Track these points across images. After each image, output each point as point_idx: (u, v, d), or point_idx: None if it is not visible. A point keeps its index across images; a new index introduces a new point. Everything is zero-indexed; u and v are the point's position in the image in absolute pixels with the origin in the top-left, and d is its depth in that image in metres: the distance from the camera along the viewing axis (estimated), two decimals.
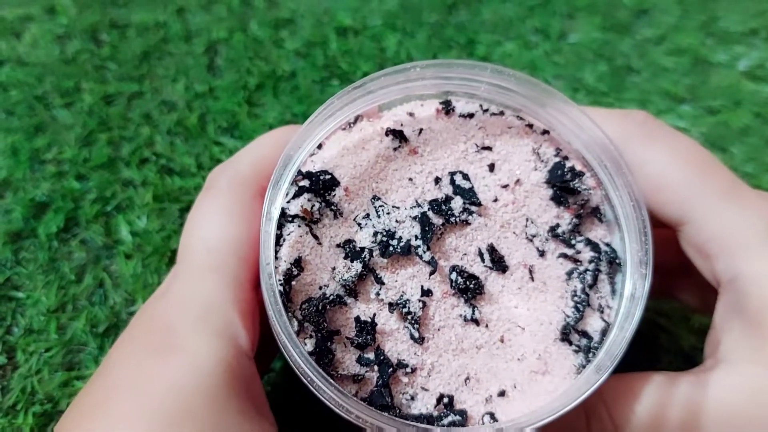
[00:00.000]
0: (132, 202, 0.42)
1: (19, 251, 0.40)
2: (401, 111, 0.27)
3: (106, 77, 0.49)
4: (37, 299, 0.38)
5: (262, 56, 0.52)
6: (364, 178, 0.25)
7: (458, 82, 0.26)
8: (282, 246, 0.24)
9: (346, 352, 0.24)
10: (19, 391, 0.34)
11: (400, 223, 0.25)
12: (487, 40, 0.54)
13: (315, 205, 0.24)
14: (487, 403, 0.25)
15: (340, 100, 0.25)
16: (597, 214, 0.27)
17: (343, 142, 0.26)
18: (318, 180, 0.24)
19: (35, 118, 0.46)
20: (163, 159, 0.45)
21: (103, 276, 0.39)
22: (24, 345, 0.36)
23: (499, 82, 0.26)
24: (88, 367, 0.36)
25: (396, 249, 0.25)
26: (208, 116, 0.47)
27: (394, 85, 0.25)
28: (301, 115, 0.48)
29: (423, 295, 0.25)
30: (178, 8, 0.54)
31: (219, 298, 0.24)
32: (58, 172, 0.43)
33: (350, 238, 0.25)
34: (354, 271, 0.24)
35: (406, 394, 0.24)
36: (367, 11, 0.56)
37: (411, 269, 0.25)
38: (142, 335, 0.24)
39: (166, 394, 0.21)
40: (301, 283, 0.24)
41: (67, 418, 0.22)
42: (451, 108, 0.27)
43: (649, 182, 0.26)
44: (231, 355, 0.23)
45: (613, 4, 0.58)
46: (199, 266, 0.24)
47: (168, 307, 0.24)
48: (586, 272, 0.26)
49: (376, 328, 0.24)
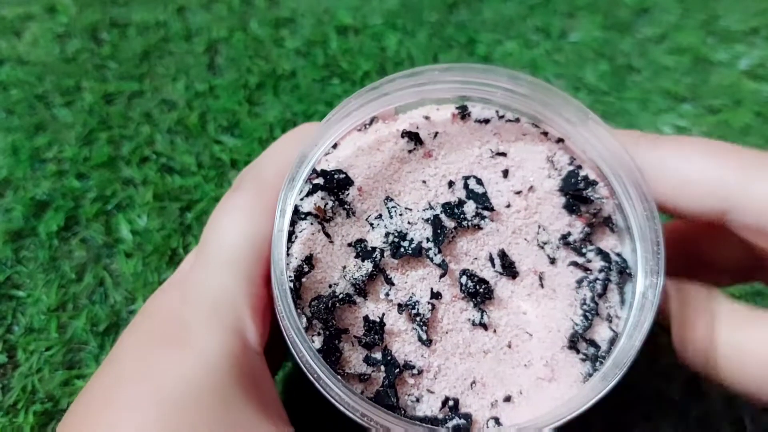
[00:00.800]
0: (132, 200, 0.42)
1: (20, 250, 0.40)
2: (417, 114, 0.27)
3: (106, 76, 0.49)
4: (38, 298, 0.38)
5: (263, 55, 0.52)
6: (378, 179, 0.26)
7: (475, 87, 0.26)
8: (294, 243, 0.24)
9: (353, 351, 0.24)
10: (20, 390, 0.34)
11: (412, 224, 0.25)
12: (487, 39, 0.54)
13: (328, 204, 0.24)
14: (492, 408, 0.25)
15: (356, 100, 0.25)
16: (609, 224, 0.27)
17: (358, 142, 0.26)
18: (332, 178, 0.25)
19: (35, 117, 0.46)
20: (163, 158, 0.45)
21: (104, 275, 0.39)
22: (24, 344, 0.36)
23: (515, 88, 0.25)
24: (89, 365, 0.36)
25: (407, 250, 0.25)
26: (208, 115, 0.47)
27: (410, 88, 0.25)
28: (301, 114, 0.48)
29: (432, 297, 0.25)
30: (179, 7, 0.54)
31: (231, 292, 0.24)
32: (59, 171, 0.43)
33: (362, 238, 0.25)
34: (364, 270, 0.24)
35: (412, 395, 0.24)
36: (368, 10, 0.56)
37: (421, 271, 0.25)
38: (153, 325, 0.24)
39: (175, 385, 0.21)
40: (311, 281, 0.24)
41: (76, 407, 0.23)
42: (467, 113, 0.27)
43: (672, 182, 0.25)
44: (239, 350, 0.23)
45: (614, 3, 0.58)
46: (215, 260, 0.25)
47: (181, 298, 0.24)
48: (596, 281, 0.26)
49: (385, 328, 0.24)
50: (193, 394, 0.21)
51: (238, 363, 0.22)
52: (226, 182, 0.44)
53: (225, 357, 0.22)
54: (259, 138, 0.46)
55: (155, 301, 0.25)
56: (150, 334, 0.23)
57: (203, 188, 0.43)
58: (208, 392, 0.21)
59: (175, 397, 0.21)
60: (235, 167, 0.45)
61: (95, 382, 0.23)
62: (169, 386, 0.21)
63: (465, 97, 0.27)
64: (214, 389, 0.21)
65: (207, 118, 0.47)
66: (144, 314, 0.25)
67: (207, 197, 0.43)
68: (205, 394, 0.21)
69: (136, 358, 0.23)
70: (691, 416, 0.36)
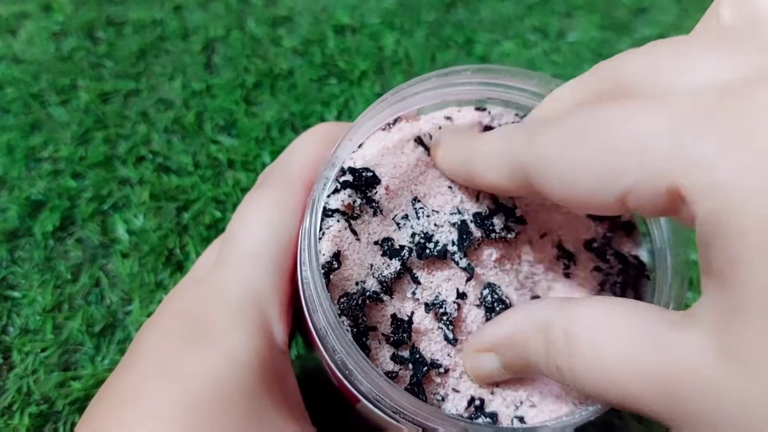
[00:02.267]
0: (129, 200, 0.42)
1: (15, 250, 0.39)
2: (439, 115, 0.27)
3: (102, 75, 0.49)
4: (33, 299, 0.37)
5: (260, 54, 0.52)
6: (404, 180, 0.26)
7: (500, 89, 0.26)
8: (321, 240, 0.24)
9: (380, 348, 0.24)
10: (15, 392, 0.34)
11: (439, 227, 0.25)
12: (485, 38, 0.54)
13: (356, 201, 0.24)
14: (517, 409, 0.25)
15: (385, 102, 0.25)
16: (627, 228, 0.27)
17: (383, 141, 0.26)
18: (360, 176, 0.25)
19: (31, 115, 0.45)
20: (160, 157, 0.45)
21: (100, 275, 0.39)
22: (20, 345, 0.36)
23: (545, 92, 0.25)
24: (84, 367, 0.35)
25: (432, 252, 0.25)
26: (205, 114, 0.47)
27: (435, 89, 0.25)
28: (298, 114, 0.48)
29: (458, 297, 0.25)
30: (175, 6, 0.54)
31: (258, 286, 0.24)
32: (54, 171, 0.43)
33: (388, 236, 0.25)
34: (393, 268, 0.24)
35: (438, 394, 0.24)
36: (365, 9, 0.56)
37: (447, 272, 0.25)
38: (175, 323, 0.23)
39: (201, 385, 0.21)
40: (339, 278, 0.24)
41: (96, 407, 0.22)
42: (490, 126, 0.27)
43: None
44: (265, 348, 0.22)
45: (611, 3, 0.58)
46: (243, 253, 0.25)
47: (206, 293, 0.24)
48: (615, 284, 0.26)
49: (412, 326, 0.24)
50: (220, 394, 0.21)
51: (264, 362, 0.22)
52: (223, 182, 0.44)
53: (252, 355, 0.22)
54: (256, 138, 0.46)
55: (176, 299, 0.25)
56: (173, 332, 0.23)
57: (200, 188, 0.43)
58: (235, 392, 0.21)
59: (202, 397, 0.20)
60: (232, 167, 0.45)
61: (116, 382, 0.22)
62: (196, 386, 0.21)
63: (486, 99, 0.27)
64: (242, 389, 0.21)
65: (204, 118, 0.47)
66: (164, 312, 0.25)
67: (204, 197, 0.43)
68: (232, 394, 0.21)
69: (160, 356, 0.22)
70: None
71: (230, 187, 0.43)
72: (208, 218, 0.42)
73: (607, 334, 0.18)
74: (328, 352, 0.23)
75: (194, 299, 0.24)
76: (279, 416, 0.22)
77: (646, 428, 0.35)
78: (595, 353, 0.18)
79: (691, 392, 0.15)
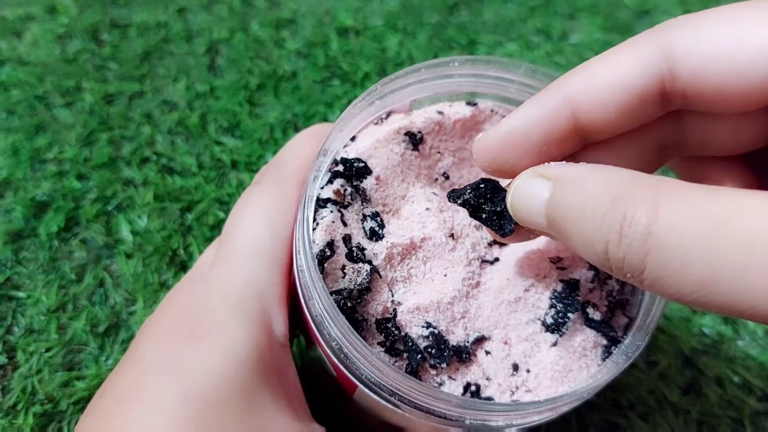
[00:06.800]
0: (133, 201, 0.42)
1: (20, 251, 0.40)
2: (431, 109, 0.27)
3: (106, 77, 0.49)
4: (38, 299, 0.38)
5: (263, 56, 0.52)
6: (396, 171, 0.26)
7: (490, 81, 0.26)
8: (316, 230, 0.24)
9: (374, 339, 0.24)
10: (20, 391, 0.34)
11: (426, 219, 0.26)
12: (488, 40, 0.54)
13: (347, 189, 0.25)
14: (512, 395, 0.25)
15: (375, 92, 0.25)
16: None
17: (375, 135, 0.26)
18: (351, 166, 0.25)
19: (36, 117, 0.46)
20: (163, 158, 0.45)
21: (104, 275, 0.39)
22: (24, 345, 0.36)
23: (532, 82, 0.26)
24: (89, 367, 0.35)
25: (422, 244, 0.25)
26: (209, 116, 0.47)
27: (425, 81, 0.26)
28: (301, 115, 0.48)
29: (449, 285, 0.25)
30: (180, 8, 0.54)
31: (257, 281, 0.24)
32: (59, 172, 0.43)
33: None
34: (381, 257, 0.25)
35: (433, 382, 0.24)
36: (369, 11, 0.56)
37: (438, 261, 0.26)
38: (176, 320, 0.24)
39: (202, 380, 0.21)
40: (333, 266, 0.24)
41: (98, 402, 0.22)
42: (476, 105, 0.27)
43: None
44: (265, 342, 0.23)
45: (614, 5, 0.58)
46: (241, 249, 0.25)
47: (205, 290, 0.24)
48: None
49: (396, 319, 0.25)
50: (221, 389, 0.21)
51: (264, 356, 0.22)
52: (227, 183, 0.44)
53: (252, 350, 0.22)
54: (259, 139, 0.46)
55: (176, 296, 0.25)
56: (174, 328, 0.23)
57: (204, 189, 0.43)
58: (236, 387, 0.21)
59: (203, 392, 0.21)
60: (236, 168, 0.45)
61: (118, 378, 0.23)
62: (197, 381, 0.21)
63: (476, 93, 0.27)
64: (242, 384, 0.21)
65: (207, 119, 0.47)
66: (165, 309, 0.25)
67: (207, 198, 0.43)
68: (233, 389, 0.21)
69: (161, 352, 0.22)
70: (689, 417, 0.36)
71: (234, 188, 0.44)
72: (212, 219, 0.42)
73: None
74: (325, 340, 0.23)
75: (193, 296, 0.24)
76: (277, 409, 0.22)
77: (651, 428, 0.35)
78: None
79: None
